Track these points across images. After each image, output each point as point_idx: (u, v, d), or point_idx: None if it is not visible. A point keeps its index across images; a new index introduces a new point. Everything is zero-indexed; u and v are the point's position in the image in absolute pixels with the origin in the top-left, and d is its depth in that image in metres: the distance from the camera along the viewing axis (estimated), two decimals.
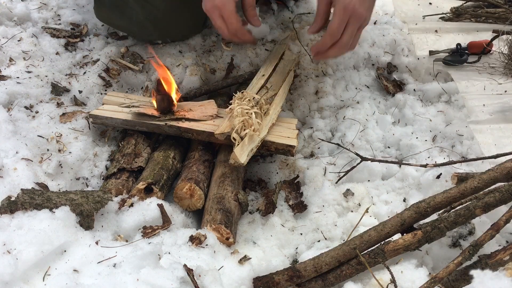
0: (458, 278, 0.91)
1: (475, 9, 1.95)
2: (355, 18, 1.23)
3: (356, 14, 1.22)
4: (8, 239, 0.88)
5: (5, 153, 1.12)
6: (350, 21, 1.23)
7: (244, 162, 1.14)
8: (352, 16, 1.22)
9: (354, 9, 1.21)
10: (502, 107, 1.38)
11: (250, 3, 1.33)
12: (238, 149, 1.16)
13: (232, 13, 1.27)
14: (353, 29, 1.24)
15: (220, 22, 1.29)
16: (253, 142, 1.19)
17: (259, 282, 0.97)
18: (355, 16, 1.22)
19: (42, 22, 1.63)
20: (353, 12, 1.22)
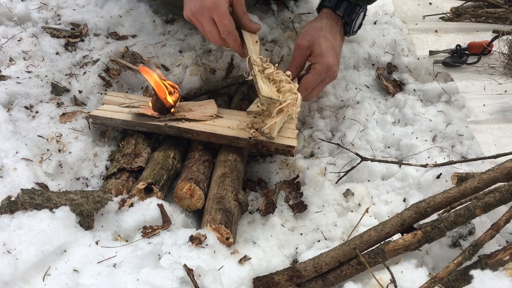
0: (458, 278, 0.91)
1: (475, 9, 1.95)
2: (330, 78, 1.29)
3: (332, 75, 1.28)
4: (8, 239, 0.88)
5: (5, 153, 1.12)
6: (326, 80, 1.28)
7: (274, 135, 1.18)
8: (328, 76, 1.28)
9: (333, 71, 1.27)
10: (502, 107, 1.38)
11: (243, 11, 1.26)
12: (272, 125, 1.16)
13: (226, 14, 1.20)
14: (324, 86, 1.30)
15: (209, 26, 1.22)
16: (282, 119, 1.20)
17: (259, 282, 0.97)
18: (331, 76, 1.28)
19: (42, 22, 1.63)
20: (331, 74, 1.27)
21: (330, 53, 1.25)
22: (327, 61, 1.24)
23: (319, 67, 1.24)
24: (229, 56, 1.56)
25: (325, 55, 1.24)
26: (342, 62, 1.59)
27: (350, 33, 1.38)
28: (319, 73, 1.25)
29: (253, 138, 1.23)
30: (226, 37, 1.23)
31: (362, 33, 1.65)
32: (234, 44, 1.25)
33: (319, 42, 1.26)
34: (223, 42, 1.26)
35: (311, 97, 1.32)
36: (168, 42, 1.58)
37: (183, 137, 1.29)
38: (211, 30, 1.23)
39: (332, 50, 1.27)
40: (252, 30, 1.29)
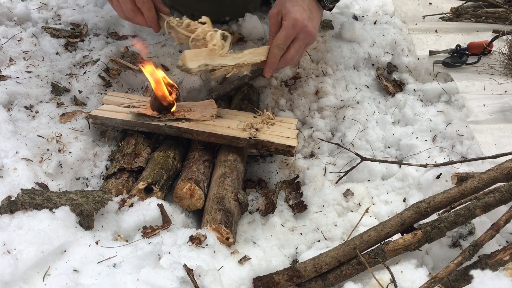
0: (458, 278, 0.91)
1: (475, 9, 1.95)
2: (304, 34, 1.24)
3: (305, 30, 1.23)
4: (8, 239, 0.88)
5: (5, 153, 1.12)
6: (299, 37, 1.24)
7: (191, 67, 1.11)
8: (301, 32, 1.23)
9: (303, 25, 1.23)
10: (502, 107, 1.38)
11: None
12: (191, 53, 1.12)
13: None
14: (301, 45, 1.25)
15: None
16: (210, 59, 1.16)
17: (259, 282, 0.97)
18: (304, 32, 1.23)
19: (42, 22, 1.63)
20: (302, 28, 1.23)
21: (296, 9, 1.24)
22: (293, 15, 1.22)
23: (285, 22, 1.23)
24: None
25: (291, 11, 1.23)
26: (342, 62, 1.59)
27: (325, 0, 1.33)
28: (286, 28, 1.22)
29: (253, 138, 1.23)
30: (141, 5, 1.23)
31: (362, 33, 1.65)
32: (148, 14, 1.25)
33: (286, 5, 1.25)
34: (136, 14, 1.25)
35: (291, 59, 1.26)
36: (168, 42, 1.58)
37: (183, 137, 1.29)
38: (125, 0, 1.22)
39: (298, 7, 1.24)
40: (161, 11, 1.29)
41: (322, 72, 1.56)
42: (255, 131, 1.26)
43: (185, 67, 1.11)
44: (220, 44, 1.17)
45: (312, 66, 1.57)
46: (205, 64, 1.14)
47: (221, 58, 1.18)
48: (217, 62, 1.17)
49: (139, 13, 1.26)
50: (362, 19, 1.79)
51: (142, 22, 1.29)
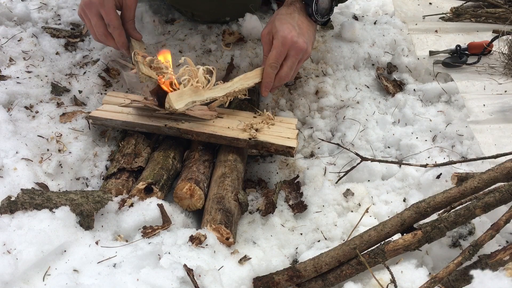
0: (458, 278, 0.91)
1: (475, 9, 1.95)
2: (295, 51, 1.25)
3: (296, 46, 1.25)
4: (8, 239, 0.88)
5: (5, 153, 1.12)
6: (290, 53, 1.25)
7: (178, 108, 1.15)
8: (292, 49, 1.25)
9: (293, 42, 1.24)
10: (502, 107, 1.38)
11: (130, 17, 1.35)
12: (174, 95, 1.16)
13: (113, 9, 1.28)
14: (293, 61, 1.27)
15: (96, 20, 1.30)
16: (197, 95, 1.19)
17: (259, 282, 0.97)
18: (294, 48, 1.25)
19: (42, 22, 1.63)
20: (292, 45, 1.24)
21: (284, 27, 1.26)
22: (282, 33, 1.24)
23: (275, 41, 1.25)
24: (229, 56, 1.56)
25: (279, 29, 1.25)
26: (342, 62, 1.59)
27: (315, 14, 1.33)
28: (277, 46, 1.24)
29: (253, 139, 1.23)
30: (112, 31, 1.31)
31: (362, 33, 1.65)
32: (119, 39, 1.33)
33: (275, 24, 1.27)
34: (108, 38, 1.33)
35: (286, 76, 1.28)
36: (168, 42, 1.58)
37: (183, 137, 1.29)
38: (97, 24, 1.31)
39: (287, 25, 1.26)
40: (133, 37, 1.38)
41: (322, 72, 1.56)
42: (255, 132, 1.26)
43: (172, 108, 1.15)
44: (203, 80, 1.20)
45: (312, 66, 1.57)
46: (192, 101, 1.19)
47: (209, 92, 1.22)
48: (204, 97, 1.21)
49: (110, 38, 1.34)
50: (362, 19, 1.79)
51: (113, 46, 1.38)
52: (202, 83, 1.20)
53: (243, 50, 1.56)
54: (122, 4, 1.34)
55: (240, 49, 1.57)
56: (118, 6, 1.33)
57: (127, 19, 1.36)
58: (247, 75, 1.31)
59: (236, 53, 1.56)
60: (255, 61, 1.55)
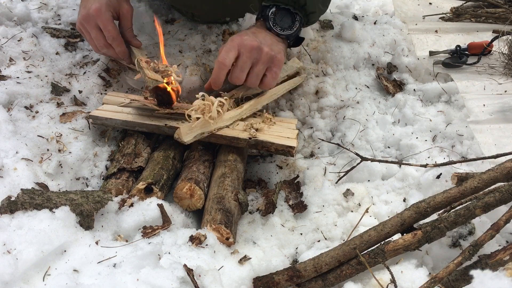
0: (458, 278, 0.91)
1: (475, 9, 1.95)
2: (246, 49, 1.21)
3: (245, 44, 1.21)
4: (8, 239, 0.88)
5: (5, 153, 1.12)
6: (241, 52, 1.22)
7: (187, 141, 1.18)
8: (242, 47, 1.22)
9: (242, 40, 1.22)
10: (502, 107, 1.38)
11: (128, 26, 1.38)
12: (185, 128, 1.18)
13: (110, 20, 1.30)
14: (245, 60, 1.22)
15: (95, 32, 1.31)
16: (205, 127, 1.21)
17: (259, 282, 0.97)
18: (245, 47, 1.21)
19: (42, 22, 1.63)
20: (241, 43, 1.22)
21: (236, 35, 1.25)
22: (232, 37, 1.24)
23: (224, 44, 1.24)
24: None
25: (231, 38, 1.25)
26: (342, 62, 1.59)
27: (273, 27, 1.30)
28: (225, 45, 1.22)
29: (252, 139, 1.23)
30: (111, 42, 1.33)
31: (362, 33, 1.65)
32: (119, 49, 1.35)
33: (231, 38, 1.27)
34: (108, 48, 1.35)
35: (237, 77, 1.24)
36: (168, 42, 1.58)
37: None
38: (96, 36, 1.32)
39: (239, 34, 1.26)
40: (133, 45, 1.39)
41: (322, 72, 1.56)
42: (255, 131, 1.26)
43: (181, 140, 1.18)
44: (215, 116, 1.22)
45: (312, 66, 1.57)
46: (201, 133, 1.21)
47: (219, 122, 1.24)
48: (213, 127, 1.23)
49: (111, 48, 1.35)
50: (362, 19, 1.79)
51: (115, 56, 1.39)
52: (214, 118, 1.22)
53: None
54: (119, 14, 1.36)
55: None
56: (115, 17, 1.35)
57: (125, 28, 1.38)
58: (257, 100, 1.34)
59: None
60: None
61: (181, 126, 1.19)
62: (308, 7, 1.32)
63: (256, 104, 1.34)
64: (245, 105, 1.31)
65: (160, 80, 1.24)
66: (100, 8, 1.29)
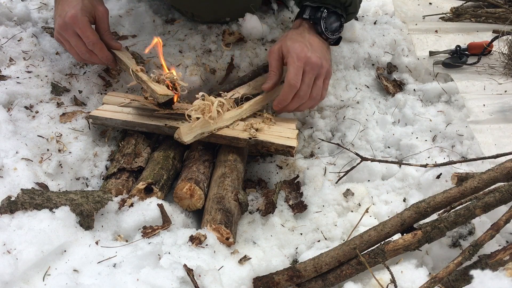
0: (458, 278, 0.91)
1: (475, 9, 1.95)
2: (311, 67, 1.24)
3: (311, 62, 1.24)
4: (8, 239, 0.88)
5: (5, 153, 1.12)
6: (306, 70, 1.24)
7: (187, 141, 1.18)
8: (307, 65, 1.24)
9: (307, 57, 1.24)
10: (502, 107, 1.38)
11: (105, 28, 1.35)
12: (185, 128, 1.19)
13: (87, 26, 1.28)
14: (311, 77, 1.25)
15: (75, 40, 1.29)
16: (205, 127, 1.21)
17: (259, 282, 0.97)
18: (310, 64, 1.24)
19: (42, 22, 1.63)
20: (307, 60, 1.24)
21: (296, 45, 1.26)
22: (295, 50, 1.25)
23: (289, 59, 1.25)
24: (229, 56, 1.56)
25: (291, 47, 1.26)
26: (342, 62, 1.59)
27: (325, 32, 1.34)
28: (292, 63, 1.24)
29: (252, 139, 1.23)
30: (92, 48, 1.30)
31: (362, 33, 1.65)
32: (101, 54, 1.32)
33: (286, 43, 1.28)
34: (91, 55, 1.32)
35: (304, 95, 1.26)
36: (168, 42, 1.58)
37: None
38: (77, 44, 1.30)
39: (298, 43, 1.27)
40: (113, 47, 1.37)
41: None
42: (255, 131, 1.26)
43: (181, 140, 1.18)
44: (215, 115, 1.22)
45: None
46: (201, 133, 1.21)
47: (219, 122, 1.24)
48: (213, 127, 1.23)
49: (93, 54, 1.33)
50: (362, 19, 1.79)
51: (98, 62, 1.37)
52: (214, 118, 1.22)
53: (243, 50, 1.56)
54: (95, 17, 1.33)
55: (240, 49, 1.57)
56: (92, 21, 1.33)
57: (103, 31, 1.35)
58: (257, 100, 1.34)
59: (236, 53, 1.56)
60: (255, 61, 1.55)
61: (181, 126, 1.19)
62: (350, 8, 1.37)
63: (256, 104, 1.34)
64: (245, 105, 1.31)
65: (170, 94, 1.24)
66: (75, 15, 1.26)
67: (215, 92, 1.44)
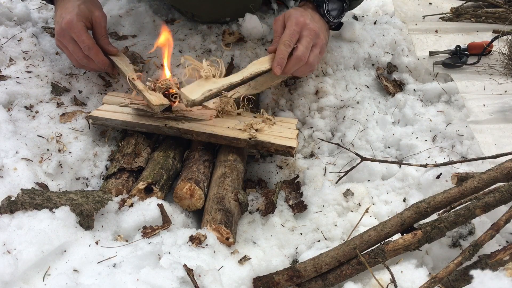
0: (458, 278, 0.91)
1: (475, 9, 1.95)
2: (309, 31, 1.28)
3: (308, 28, 1.28)
4: (8, 239, 0.88)
5: (5, 153, 1.12)
6: (304, 34, 1.28)
7: (194, 98, 1.14)
8: (305, 30, 1.28)
9: (305, 23, 1.28)
10: (502, 107, 1.38)
11: (101, 33, 1.36)
12: (187, 88, 1.16)
13: (82, 30, 1.28)
14: (308, 41, 1.28)
15: (72, 45, 1.30)
16: (210, 83, 1.19)
17: (259, 282, 0.97)
18: (308, 29, 1.28)
19: (42, 22, 1.63)
20: (304, 25, 1.28)
21: (298, 13, 1.30)
22: (295, 16, 1.29)
23: (288, 23, 1.29)
24: (229, 56, 1.56)
25: (293, 14, 1.30)
26: (342, 62, 1.59)
27: (327, 15, 1.39)
28: (289, 26, 1.27)
29: (252, 139, 1.23)
30: (88, 52, 1.31)
31: (362, 33, 1.65)
32: (97, 58, 1.33)
33: (290, 11, 1.33)
34: (88, 60, 1.33)
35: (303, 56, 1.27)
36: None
37: (183, 137, 1.29)
38: (74, 49, 1.31)
39: (300, 11, 1.32)
40: (109, 52, 1.37)
41: (322, 72, 1.56)
42: (255, 132, 1.26)
43: (190, 101, 1.14)
44: (210, 72, 1.21)
45: None
46: (208, 89, 1.18)
47: (223, 78, 1.22)
48: (220, 84, 1.21)
49: (90, 60, 1.33)
50: (362, 19, 1.79)
51: (96, 67, 1.38)
52: (210, 72, 1.20)
53: (243, 50, 1.56)
54: (92, 22, 1.34)
55: (240, 49, 1.57)
56: (88, 26, 1.33)
57: (99, 36, 1.36)
58: (261, 60, 1.31)
59: (236, 53, 1.56)
60: None
61: (181, 89, 1.16)
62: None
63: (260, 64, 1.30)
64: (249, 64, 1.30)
65: (166, 103, 1.24)
66: (71, 20, 1.27)
67: None
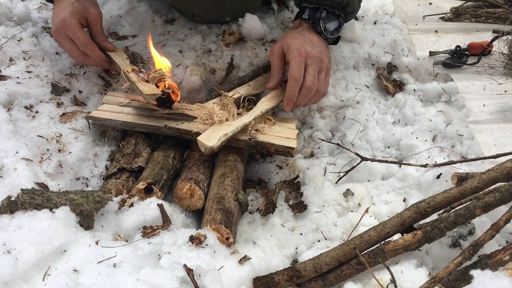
0: (458, 278, 0.91)
1: (475, 9, 1.95)
2: (312, 60, 1.27)
3: (312, 55, 1.27)
4: (8, 239, 0.88)
5: (5, 153, 1.12)
6: (308, 63, 1.26)
7: (212, 145, 1.14)
8: (309, 58, 1.27)
9: (307, 52, 1.27)
10: (502, 107, 1.38)
11: (98, 30, 1.36)
12: (203, 136, 1.17)
13: (77, 27, 1.28)
14: (314, 69, 1.27)
15: (68, 43, 1.31)
16: (224, 127, 1.20)
17: (259, 282, 0.97)
18: (311, 57, 1.27)
19: (42, 22, 1.63)
20: (307, 54, 1.27)
21: (296, 42, 1.28)
22: (295, 46, 1.27)
23: (290, 55, 1.27)
24: (229, 56, 1.55)
25: (291, 44, 1.28)
26: (342, 62, 1.59)
27: (324, 32, 1.37)
28: (294, 58, 1.25)
29: (252, 140, 1.23)
30: (84, 49, 1.31)
31: (362, 33, 1.65)
32: (93, 54, 1.33)
33: (287, 41, 1.30)
34: (85, 57, 1.34)
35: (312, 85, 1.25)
36: (168, 42, 1.58)
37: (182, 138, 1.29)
38: (70, 47, 1.31)
39: (298, 40, 1.29)
40: (106, 49, 1.37)
41: None
42: (255, 132, 1.25)
43: (209, 148, 1.14)
44: (220, 114, 1.22)
45: None
46: (224, 134, 1.18)
47: (237, 121, 1.23)
48: (234, 126, 1.21)
49: (87, 57, 1.34)
50: (362, 19, 1.79)
51: (93, 63, 1.38)
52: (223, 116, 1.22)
53: (243, 50, 1.56)
54: (87, 20, 1.34)
55: (240, 49, 1.57)
56: (83, 23, 1.33)
57: (95, 33, 1.36)
58: (268, 96, 1.33)
59: (236, 53, 1.56)
60: (255, 61, 1.55)
61: (197, 138, 1.16)
62: (349, 8, 1.39)
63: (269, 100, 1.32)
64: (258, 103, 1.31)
65: (157, 93, 1.23)
66: (65, 18, 1.27)
67: (215, 92, 1.44)
